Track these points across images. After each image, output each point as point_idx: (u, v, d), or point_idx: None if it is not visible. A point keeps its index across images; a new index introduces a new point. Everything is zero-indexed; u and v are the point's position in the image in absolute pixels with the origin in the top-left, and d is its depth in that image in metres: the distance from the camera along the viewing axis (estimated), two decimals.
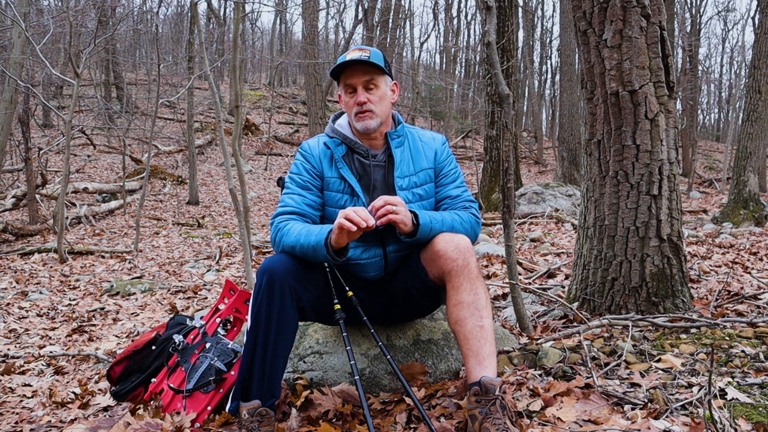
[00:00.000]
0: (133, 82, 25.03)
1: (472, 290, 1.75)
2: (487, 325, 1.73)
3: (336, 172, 2.02)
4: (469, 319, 1.72)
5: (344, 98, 2.01)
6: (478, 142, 23.40)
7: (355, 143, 2.05)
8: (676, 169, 2.61)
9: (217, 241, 9.39)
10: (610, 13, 2.51)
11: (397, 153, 2.05)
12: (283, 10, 30.69)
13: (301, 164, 2.05)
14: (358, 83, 1.96)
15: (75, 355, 3.45)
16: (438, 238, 1.85)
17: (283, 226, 1.93)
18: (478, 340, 1.69)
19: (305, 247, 1.83)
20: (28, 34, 8.45)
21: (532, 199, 9.84)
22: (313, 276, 1.92)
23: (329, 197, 2.02)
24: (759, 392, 1.70)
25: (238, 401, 1.85)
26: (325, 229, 1.83)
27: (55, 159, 15.89)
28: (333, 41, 30.46)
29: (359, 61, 1.93)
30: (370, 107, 1.96)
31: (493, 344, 1.72)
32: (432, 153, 2.09)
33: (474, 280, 1.77)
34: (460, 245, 1.80)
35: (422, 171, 2.05)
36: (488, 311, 1.76)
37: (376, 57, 1.95)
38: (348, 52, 1.98)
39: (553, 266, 4.31)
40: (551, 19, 42.74)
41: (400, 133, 2.08)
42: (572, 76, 14.37)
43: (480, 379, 1.65)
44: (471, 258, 1.79)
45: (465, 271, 1.77)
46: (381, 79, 1.99)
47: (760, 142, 8.30)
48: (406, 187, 2.02)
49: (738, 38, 60.20)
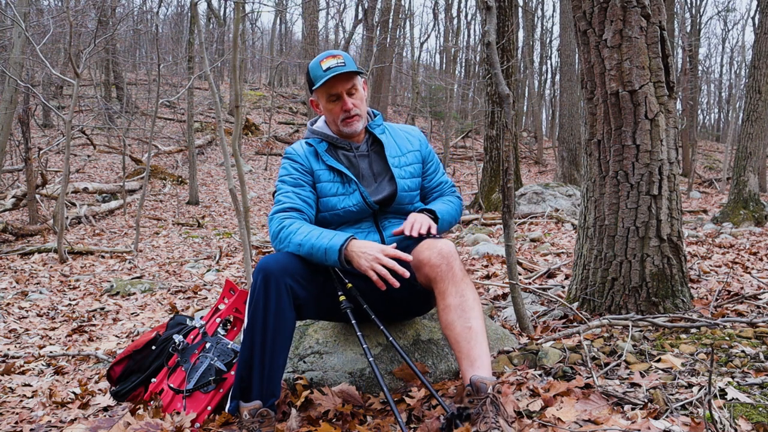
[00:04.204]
0: (133, 82, 25.02)
1: (458, 293, 1.76)
2: (476, 326, 1.72)
3: (323, 165, 2.11)
4: (457, 322, 1.72)
5: (326, 105, 2.09)
6: (478, 142, 23.40)
7: (336, 140, 2.15)
8: (676, 169, 2.61)
9: (217, 241, 9.39)
10: (610, 13, 2.51)
11: (383, 138, 2.18)
12: (283, 10, 30.71)
13: (289, 165, 2.12)
14: (342, 91, 2.04)
15: (75, 355, 3.45)
16: (422, 247, 1.89)
17: (289, 223, 1.96)
18: (467, 342, 1.69)
19: (316, 247, 1.87)
20: (28, 34, 8.45)
21: (532, 199, 9.84)
22: (310, 273, 1.92)
23: (322, 188, 2.09)
24: (759, 392, 1.70)
25: (237, 401, 1.85)
26: (340, 236, 1.88)
27: (55, 159, 15.88)
28: (333, 41, 30.45)
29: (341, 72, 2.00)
30: (357, 111, 2.08)
31: (484, 344, 1.72)
32: (415, 140, 2.25)
33: (459, 282, 1.78)
34: (443, 251, 1.83)
35: (409, 152, 2.20)
36: (476, 312, 1.76)
37: (350, 62, 2.03)
38: (322, 59, 2.03)
39: (553, 266, 4.31)
40: (551, 19, 42.77)
41: (379, 122, 2.22)
42: (572, 76, 14.36)
43: (470, 379, 1.65)
44: (454, 262, 1.82)
45: (449, 275, 1.79)
46: (359, 82, 2.09)
47: (760, 142, 8.30)
48: (398, 165, 2.14)
49: (738, 38, 60.18)
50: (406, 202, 2.14)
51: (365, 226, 2.09)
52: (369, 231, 2.09)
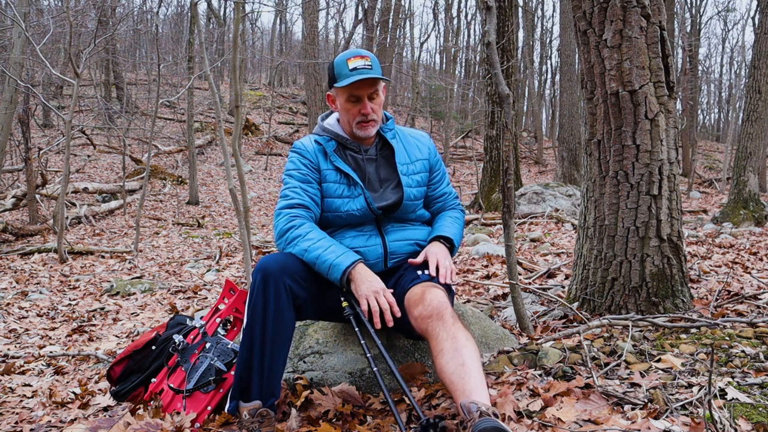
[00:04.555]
0: (133, 82, 25.03)
1: (449, 336, 1.72)
2: (469, 362, 1.66)
3: (331, 165, 2.09)
4: (450, 363, 1.66)
5: (344, 105, 2.05)
6: (478, 142, 23.40)
7: (346, 140, 2.12)
8: (676, 169, 2.61)
9: (217, 241, 9.39)
10: (610, 13, 2.51)
11: (394, 143, 2.16)
12: (283, 10, 30.71)
13: (298, 160, 2.10)
14: (364, 94, 2.01)
15: (75, 355, 3.45)
16: (415, 295, 1.87)
17: (298, 224, 1.96)
18: (461, 378, 1.62)
19: (321, 260, 1.88)
20: (28, 34, 8.45)
21: (532, 199, 9.84)
22: (310, 274, 1.92)
23: (327, 188, 2.07)
24: (759, 392, 1.70)
25: (236, 401, 1.85)
26: (348, 256, 1.88)
27: (55, 159, 15.88)
28: (333, 41, 30.45)
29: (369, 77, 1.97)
30: (374, 117, 2.05)
31: (479, 376, 1.64)
32: (425, 147, 2.23)
33: (450, 327, 1.74)
34: (433, 302, 1.81)
35: (418, 161, 2.18)
36: (469, 349, 1.70)
37: (376, 65, 2.01)
38: (350, 57, 1.99)
39: (553, 266, 4.31)
40: (551, 19, 42.79)
41: (391, 126, 2.19)
42: (572, 76, 14.37)
43: (461, 404, 1.57)
44: (444, 310, 1.78)
45: (440, 323, 1.76)
46: (380, 87, 2.07)
47: (760, 142, 8.30)
48: (406, 173, 2.13)
49: (738, 38, 60.19)
50: (410, 211, 2.13)
51: (367, 229, 2.09)
52: (371, 234, 2.08)
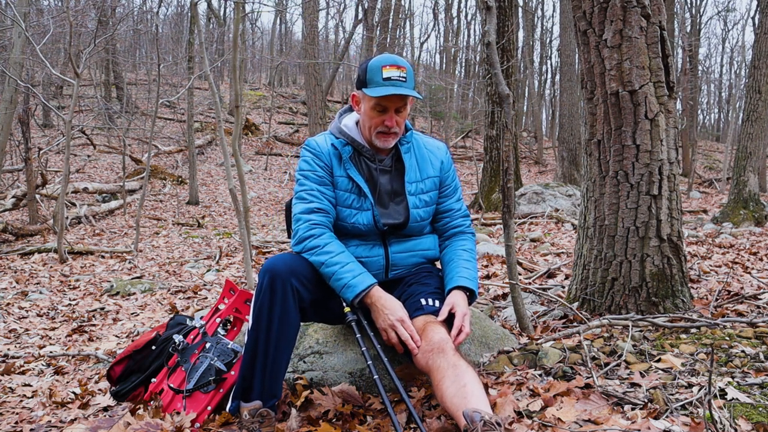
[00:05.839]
0: (133, 82, 25.03)
1: (450, 365, 1.72)
2: (469, 382, 1.66)
3: (344, 172, 2.04)
4: (452, 387, 1.66)
5: (369, 111, 1.98)
6: (478, 142, 23.40)
7: (363, 147, 2.06)
8: (676, 169, 2.61)
9: (217, 241, 9.39)
10: (610, 13, 2.51)
11: (406, 159, 2.09)
12: (283, 10, 30.71)
13: (313, 160, 2.05)
14: (392, 107, 1.96)
15: (75, 355, 3.45)
16: (418, 331, 1.86)
17: (319, 233, 1.94)
18: (464, 398, 1.61)
19: (336, 277, 1.87)
20: (28, 34, 8.45)
21: (532, 199, 9.84)
22: (316, 277, 1.92)
23: (336, 196, 2.04)
24: (759, 392, 1.70)
25: (238, 401, 1.85)
26: (364, 279, 1.88)
27: (55, 159, 15.88)
28: (333, 41, 30.46)
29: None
30: (396, 130, 2.01)
31: (481, 395, 1.64)
32: (438, 162, 2.16)
33: (451, 357, 1.74)
34: (434, 338, 1.80)
35: (428, 178, 2.13)
36: (470, 375, 1.69)
37: (410, 79, 1.94)
38: (385, 65, 1.91)
39: (553, 266, 4.31)
40: (551, 19, 42.77)
41: (408, 139, 2.12)
42: (572, 76, 14.37)
43: (463, 413, 1.55)
44: (446, 344, 1.78)
45: (441, 355, 1.75)
46: (409, 99, 2.00)
47: (760, 142, 8.31)
48: (414, 192, 2.08)
49: (738, 38, 60.18)
50: (416, 231, 2.11)
51: (371, 239, 2.06)
52: (374, 245, 2.06)
